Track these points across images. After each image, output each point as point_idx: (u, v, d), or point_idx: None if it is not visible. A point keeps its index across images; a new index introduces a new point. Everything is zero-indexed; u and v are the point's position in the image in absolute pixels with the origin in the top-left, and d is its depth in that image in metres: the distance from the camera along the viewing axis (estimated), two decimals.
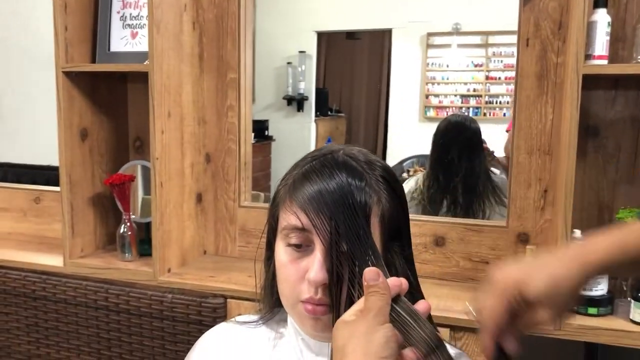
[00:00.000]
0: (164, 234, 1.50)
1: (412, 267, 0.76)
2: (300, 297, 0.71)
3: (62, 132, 1.53)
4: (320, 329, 0.71)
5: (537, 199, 1.43)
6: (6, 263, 1.63)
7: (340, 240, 0.68)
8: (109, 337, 1.54)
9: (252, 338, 0.82)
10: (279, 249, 0.73)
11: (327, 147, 0.77)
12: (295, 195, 0.71)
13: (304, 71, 5.83)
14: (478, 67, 6.31)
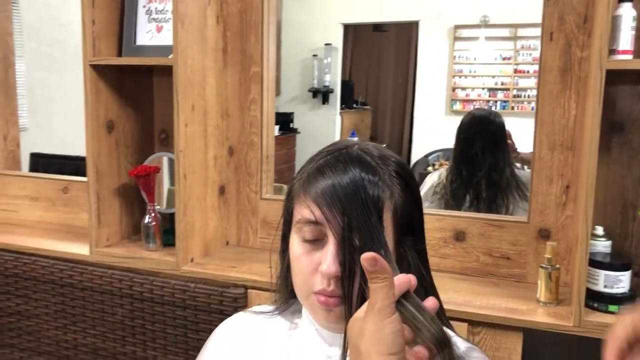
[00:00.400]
0: (187, 224, 1.53)
1: (426, 262, 0.77)
2: (313, 289, 0.72)
3: (89, 124, 1.56)
4: (332, 320, 0.73)
5: (558, 195, 1.42)
6: (35, 251, 1.68)
7: (352, 233, 0.69)
8: (133, 324, 1.58)
9: (268, 328, 0.84)
10: (294, 241, 0.75)
11: (342, 142, 0.78)
12: (309, 190, 0.72)
13: (329, 63, 5.83)
14: (506, 60, 6.24)
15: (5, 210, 2.02)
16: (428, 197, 2.34)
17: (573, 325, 1.21)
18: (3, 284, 1.71)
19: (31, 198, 1.99)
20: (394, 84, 7.46)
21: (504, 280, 1.48)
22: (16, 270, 1.69)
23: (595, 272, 1.24)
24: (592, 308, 1.24)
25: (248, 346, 0.83)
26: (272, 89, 1.74)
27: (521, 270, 1.47)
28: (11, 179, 2.01)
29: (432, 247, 1.54)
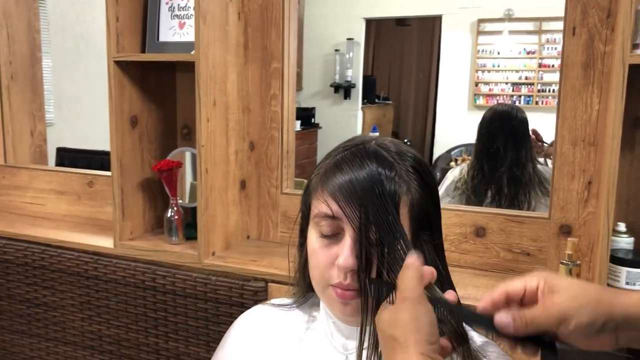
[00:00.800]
0: (209, 218, 1.55)
1: (442, 257, 0.77)
2: (330, 282, 0.73)
3: (113, 119, 1.59)
4: (349, 313, 0.74)
5: (580, 191, 1.41)
6: (61, 243, 1.72)
7: (369, 227, 0.70)
8: (156, 316, 1.61)
9: (286, 320, 0.85)
10: (311, 235, 0.76)
11: (359, 137, 0.79)
12: (326, 184, 0.74)
13: (351, 58, 5.83)
14: (530, 55, 6.16)
15: (33, 204, 2.07)
16: (449, 192, 2.34)
17: None
18: (30, 275, 1.76)
19: (57, 192, 2.03)
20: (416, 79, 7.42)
21: None
22: (43, 262, 1.73)
23: (617, 269, 1.23)
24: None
25: (267, 338, 0.84)
26: (293, 85, 1.75)
27: (542, 267, 1.46)
28: (38, 173, 2.06)
29: (452, 242, 1.54)
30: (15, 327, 1.82)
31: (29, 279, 1.76)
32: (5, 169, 2.10)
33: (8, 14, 2.10)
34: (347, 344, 0.78)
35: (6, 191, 2.10)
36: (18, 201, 2.09)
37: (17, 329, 1.81)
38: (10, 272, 1.78)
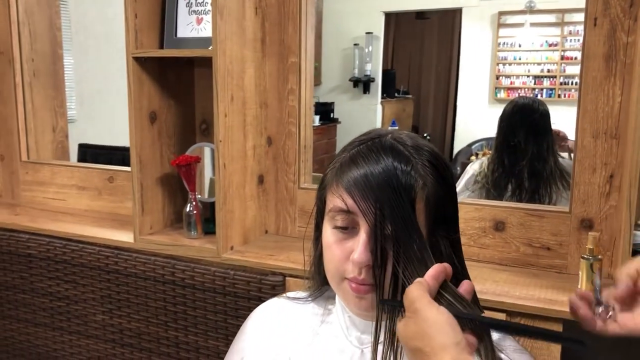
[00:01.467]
0: (227, 213, 1.56)
1: (458, 251, 0.77)
2: (345, 276, 0.73)
3: (132, 115, 1.61)
4: (364, 308, 0.74)
5: (602, 185, 1.39)
6: (83, 238, 1.74)
7: (384, 222, 0.70)
8: (175, 310, 1.62)
9: (302, 313, 0.85)
10: (326, 230, 0.76)
11: (375, 131, 0.79)
12: (341, 179, 0.73)
13: (370, 52, 5.81)
14: (552, 47, 6.08)
15: (55, 199, 2.10)
16: (469, 186, 2.32)
17: None
18: (53, 269, 1.78)
19: (79, 187, 2.06)
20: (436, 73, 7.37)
21: (544, 271, 1.45)
22: (65, 256, 1.75)
23: None
24: None
25: (282, 331, 0.85)
26: (310, 80, 1.75)
27: (562, 261, 1.44)
28: (60, 168, 2.09)
29: (471, 237, 1.53)
30: (39, 320, 1.85)
31: (51, 272, 1.79)
32: (28, 165, 2.13)
33: (30, 12, 2.13)
34: (362, 338, 0.78)
35: (29, 187, 2.14)
36: (41, 197, 2.12)
37: (41, 322, 1.84)
38: (33, 266, 1.81)
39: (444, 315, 0.58)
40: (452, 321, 0.58)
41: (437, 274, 0.64)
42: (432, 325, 0.57)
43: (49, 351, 1.85)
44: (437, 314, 0.58)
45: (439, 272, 0.64)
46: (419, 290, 0.61)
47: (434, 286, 0.63)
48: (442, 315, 0.58)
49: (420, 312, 0.59)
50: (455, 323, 0.59)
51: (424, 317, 0.58)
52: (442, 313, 0.59)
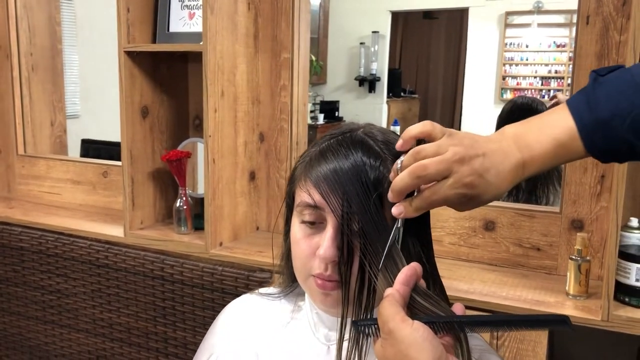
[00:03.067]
0: (216, 209, 1.55)
1: (428, 250, 0.75)
2: (311, 272, 0.72)
3: (124, 110, 1.60)
4: (329, 304, 0.73)
5: (593, 185, 1.37)
6: (74, 232, 1.74)
7: (352, 218, 0.69)
8: (164, 305, 1.62)
9: (272, 310, 0.85)
10: (294, 225, 0.75)
11: (347, 125, 0.78)
12: (310, 173, 0.72)
13: (376, 52, 5.79)
14: (560, 48, 6.03)
15: (50, 193, 2.10)
16: None
17: (601, 320, 1.16)
18: (45, 263, 1.79)
19: (74, 182, 2.06)
20: (444, 73, 7.34)
21: (533, 271, 1.44)
22: (56, 250, 1.76)
23: (628, 265, 1.19)
24: (623, 302, 1.19)
25: (252, 327, 0.84)
26: (304, 76, 1.74)
27: (552, 262, 1.43)
28: (55, 162, 2.09)
29: (461, 236, 1.51)
30: (31, 313, 1.85)
31: (43, 266, 1.79)
32: (25, 159, 2.14)
33: (29, 6, 2.13)
34: (329, 335, 0.77)
35: (25, 180, 2.14)
36: (36, 190, 2.13)
37: (33, 315, 1.85)
38: (26, 259, 1.81)
39: (419, 332, 0.57)
40: (428, 335, 0.57)
41: (407, 279, 0.62)
42: (409, 346, 0.56)
43: (40, 344, 1.86)
44: (413, 332, 0.57)
45: (409, 277, 0.62)
46: (391, 308, 0.59)
47: (406, 293, 0.61)
48: (417, 332, 0.57)
49: (394, 332, 0.57)
50: (433, 336, 0.57)
51: (400, 338, 0.57)
52: (417, 329, 0.57)
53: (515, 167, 0.66)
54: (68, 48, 4.39)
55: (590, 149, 0.65)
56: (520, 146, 0.66)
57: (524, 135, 0.67)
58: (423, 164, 0.65)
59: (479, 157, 0.65)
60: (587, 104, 0.65)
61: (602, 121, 0.64)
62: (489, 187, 0.65)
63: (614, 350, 1.41)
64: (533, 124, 0.68)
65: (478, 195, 0.65)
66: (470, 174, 0.64)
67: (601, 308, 1.17)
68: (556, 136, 0.66)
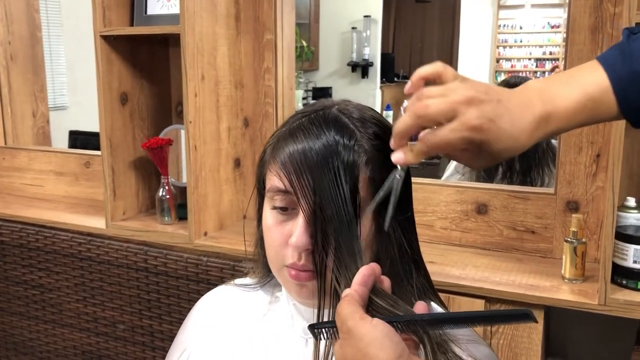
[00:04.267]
0: (199, 197, 1.50)
1: (409, 233, 0.70)
2: (285, 262, 0.67)
3: (102, 96, 1.55)
4: (305, 295, 0.67)
5: (588, 164, 1.32)
6: (56, 224, 1.69)
7: (324, 204, 0.63)
8: (149, 297, 1.57)
9: (248, 301, 0.80)
10: (265, 211, 0.70)
11: (321, 102, 0.72)
12: (278, 155, 0.67)
13: (369, 36, 5.70)
14: (555, 29, 5.96)
15: (33, 185, 2.05)
16: (459, 169, 2.25)
17: (598, 303, 1.12)
18: (26, 257, 1.73)
19: (56, 173, 2.00)
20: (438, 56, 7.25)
21: (528, 255, 1.39)
22: (38, 243, 1.71)
23: (625, 246, 1.14)
24: (621, 285, 1.15)
25: (227, 321, 0.79)
26: (289, 58, 1.68)
27: (547, 245, 1.38)
28: (37, 154, 2.03)
29: (453, 220, 1.47)
30: (14, 309, 1.80)
31: (25, 260, 1.74)
32: (5, 151, 2.08)
33: None
34: (306, 326, 0.72)
35: (7, 173, 2.09)
36: (18, 183, 2.07)
37: (16, 310, 1.80)
38: (7, 253, 1.76)
39: (379, 328, 0.53)
40: (389, 332, 0.53)
41: (365, 280, 0.57)
42: (369, 344, 0.52)
43: (24, 340, 1.81)
44: (372, 329, 0.52)
45: (367, 277, 0.57)
46: (349, 307, 0.54)
47: (364, 294, 0.57)
48: (376, 329, 0.52)
49: (353, 331, 0.53)
50: (394, 332, 0.53)
51: (359, 336, 0.52)
52: (377, 326, 0.53)
53: (538, 120, 0.60)
54: (54, 38, 4.30)
55: (623, 104, 0.60)
56: (544, 99, 0.60)
57: (548, 89, 0.61)
58: (425, 102, 0.59)
59: (491, 102, 0.58)
60: (621, 57, 0.60)
61: (637, 73, 0.59)
62: (501, 135, 0.58)
63: (612, 334, 1.36)
64: (560, 77, 0.63)
65: (488, 142, 0.58)
66: (479, 116, 0.58)
67: (598, 291, 1.13)
68: (586, 89, 0.60)
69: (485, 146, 0.59)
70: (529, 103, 0.60)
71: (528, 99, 0.60)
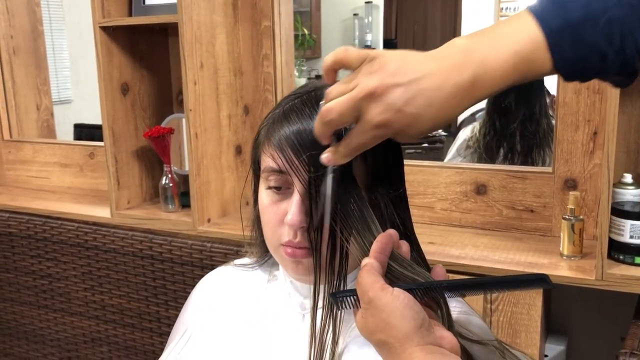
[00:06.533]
0: (202, 185, 1.52)
1: (402, 210, 0.71)
2: (281, 240, 0.69)
3: (103, 87, 1.56)
4: (301, 272, 0.69)
5: (585, 142, 1.33)
6: (61, 215, 1.72)
7: (319, 182, 0.65)
8: (155, 284, 1.60)
9: (247, 280, 0.82)
10: (261, 192, 0.71)
11: (313, 83, 0.74)
12: (273, 137, 0.68)
13: (370, 23, 5.68)
14: None
15: (38, 177, 2.07)
16: (461, 151, 2.26)
17: (595, 279, 1.13)
18: (34, 247, 1.76)
19: (61, 165, 2.03)
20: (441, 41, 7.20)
21: (528, 234, 1.40)
22: (45, 234, 1.73)
23: (621, 222, 1.15)
24: (618, 260, 1.16)
25: (226, 300, 0.81)
26: (288, 44, 1.69)
27: (546, 224, 1.39)
28: (41, 146, 2.06)
29: (453, 201, 1.48)
30: (24, 298, 1.83)
31: (32, 251, 1.77)
32: (11, 144, 2.10)
33: None
34: (304, 303, 0.74)
35: (12, 166, 2.11)
36: (24, 175, 2.10)
37: (26, 300, 1.83)
38: (15, 244, 1.79)
39: (399, 299, 0.54)
40: (409, 301, 0.54)
41: (384, 247, 0.58)
42: (390, 314, 0.53)
43: (35, 329, 1.84)
44: (393, 299, 0.54)
45: (385, 245, 0.59)
46: (369, 277, 0.56)
47: (384, 262, 0.58)
48: (397, 299, 0.54)
49: (375, 301, 0.54)
50: (414, 302, 0.54)
51: (381, 307, 0.54)
52: (397, 296, 0.54)
53: (463, 88, 0.54)
54: (56, 32, 4.32)
55: (558, 59, 0.53)
56: (472, 60, 0.54)
57: (476, 47, 0.55)
58: (328, 106, 0.57)
59: (399, 86, 0.53)
60: (554, 6, 0.54)
61: (572, 24, 0.53)
62: (414, 121, 0.54)
63: (611, 309, 1.38)
64: (489, 33, 0.56)
65: (401, 131, 0.55)
66: (383, 111, 0.54)
67: (595, 267, 1.14)
68: (517, 47, 0.54)
69: (400, 134, 0.57)
70: (453, 69, 0.55)
71: (453, 63, 0.55)
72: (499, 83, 0.55)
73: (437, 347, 0.53)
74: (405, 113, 0.54)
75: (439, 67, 0.55)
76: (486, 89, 0.55)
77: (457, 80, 0.54)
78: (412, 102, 0.54)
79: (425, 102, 0.54)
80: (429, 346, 0.53)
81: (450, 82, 0.54)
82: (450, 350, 0.54)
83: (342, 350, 0.69)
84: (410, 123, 0.55)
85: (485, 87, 0.55)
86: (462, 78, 0.54)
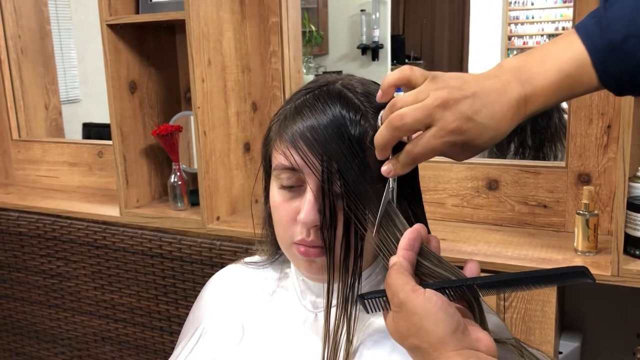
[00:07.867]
0: (211, 182, 1.51)
1: (416, 207, 0.70)
2: (293, 239, 0.68)
3: (110, 86, 1.56)
4: (314, 271, 0.68)
5: (599, 136, 1.30)
6: (71, 214, 1.71)
7: (332, 179, 0.64)
8: (165, 283, 1.59)
9: (258, 278, 0.81)
10: (273, 190, 0.70)
11: (324, 77, 0.72)
12: (285, 133, 0.67)
13: (378, 18, 5.66)
14: (568, 3, 5.86)
15: (47, 177, 2.07)
16: None
17: (611, 275, 1.11)
18: (44, 247, 1.76)
19: (70, 164, 2.03)
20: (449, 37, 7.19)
21: (541, 230, 1.39)
22: (54, 233, 1.73)
23: (637, 217, 1.13)
24: (634, 256, 1.14)
25: (237, 298, 0.80)
26: (296, 41, 1.68)
27: (560, 219, 1.37)
28: (50, 145, 2.06)
29: (464, 197, 1.46)
30: (34, 298, 1.84)
31: (42, 250, 1.77)
32: (19, 144, 2.10)
33: None
34: (317, 302, 0.73)
35: (22, 165, 2.12)
36: (33, 175, 2.10)
37: (36, 299, 1.83)
38: (25, 244, 1.79)
39: (432, 301, 0.52)
40: (443, 304, 0.52)
41: (412, 243, 0.57)
42: (423, 318, 0.51)
43: (45, 329, 1.85)
44: (426, 302, 0.52)
45: (414, 240, 0.57)
46: (400, 277, 0.54)
47: (412, 259, 0.57)
48: (430, 302, 0.52)
49: (406, 304, 0.52)
50: (447, 304, 0.52)
51: (413, 310, 0.52)
52: (430, 299, 0.52)
53: (516, 104, 0.58)
54: (64, 32, 4.33)
55: (603, 77, 0.58)
56: (521, 80, 0.59)
57: (525, 68, 0.60)
58: (399, 113, 0.59)
59: (467, 99, 0.57)
60: (598, 27, 0.58)
61: (616, 42, 0.56)
62: (483, 131, 0.58)
63: (626, 305, 1.36)
64: (536, 53, 0.61)
65: (471, 140, 0.58)
66: (456, 118, 0.57)
67: (611, 263, 1.12)
68: (562, 66, 0.58)
69: (468, 144, 0.59)
70: (506, 87, 0.59)
71: (505, 82, 0.59)
72: (549, 99, 0.60)
73: (473, 352, 0.51)
74: (475, 122, 0.58)
75: (493, 84, 0.59)
76: (537, 104, 0.60)
77: (510, 96, 0.59)
78: (480, 112, 0.58)
79: (490, 113, 0.58)
80: (466, 350, 0.51)
81: (504, 97, 0.59)
82: (487, 353, 0.52)
83: (356, 348, 0.67)
84: (480, 133, 0.58)
85: (536, 102, 0.59)
86: (514, 94, 0.59)
